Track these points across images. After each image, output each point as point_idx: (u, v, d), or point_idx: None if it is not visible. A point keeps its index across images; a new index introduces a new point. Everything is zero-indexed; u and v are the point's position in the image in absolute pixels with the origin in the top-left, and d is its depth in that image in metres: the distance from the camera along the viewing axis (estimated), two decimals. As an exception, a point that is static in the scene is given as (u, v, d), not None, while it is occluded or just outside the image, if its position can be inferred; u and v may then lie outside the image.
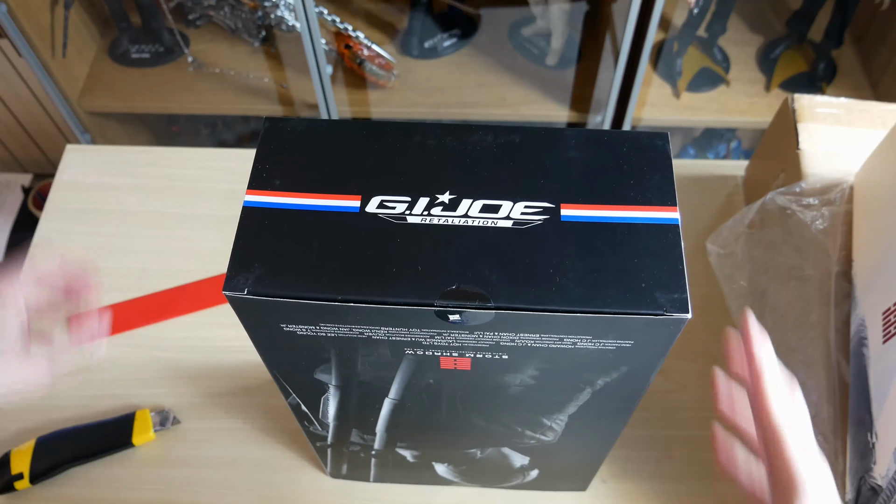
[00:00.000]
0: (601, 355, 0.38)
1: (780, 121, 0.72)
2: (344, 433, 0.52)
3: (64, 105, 1.33)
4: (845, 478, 0.53)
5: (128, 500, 0.63)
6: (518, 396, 0.43)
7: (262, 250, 0.36)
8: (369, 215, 0.37)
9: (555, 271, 0.35)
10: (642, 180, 0.38)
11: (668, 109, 1.34)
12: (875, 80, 1.34)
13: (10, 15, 1.17)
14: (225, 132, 1.54)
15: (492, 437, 0.50)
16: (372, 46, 1.32)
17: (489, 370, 0.40)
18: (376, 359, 0.40)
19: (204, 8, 1.39)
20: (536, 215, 0.37)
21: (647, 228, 0.36)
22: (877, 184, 0.59)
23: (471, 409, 0.46)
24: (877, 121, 0.69)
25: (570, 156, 0.39)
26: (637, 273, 0.34)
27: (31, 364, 0.48)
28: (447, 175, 0.38)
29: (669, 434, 0.66)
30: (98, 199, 0.82)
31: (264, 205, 0.37)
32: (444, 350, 0.38)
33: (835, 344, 0.57)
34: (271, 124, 0.40)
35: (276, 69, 1.39)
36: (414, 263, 0.35)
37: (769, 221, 0.65)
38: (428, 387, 0.43)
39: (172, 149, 0.87)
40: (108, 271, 0.76)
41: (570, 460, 0.55)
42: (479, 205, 0.37)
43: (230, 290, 0.35)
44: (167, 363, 0.71)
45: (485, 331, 0.36)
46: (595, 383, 0.41)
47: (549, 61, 1.38)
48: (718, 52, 1.36)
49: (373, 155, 0.39)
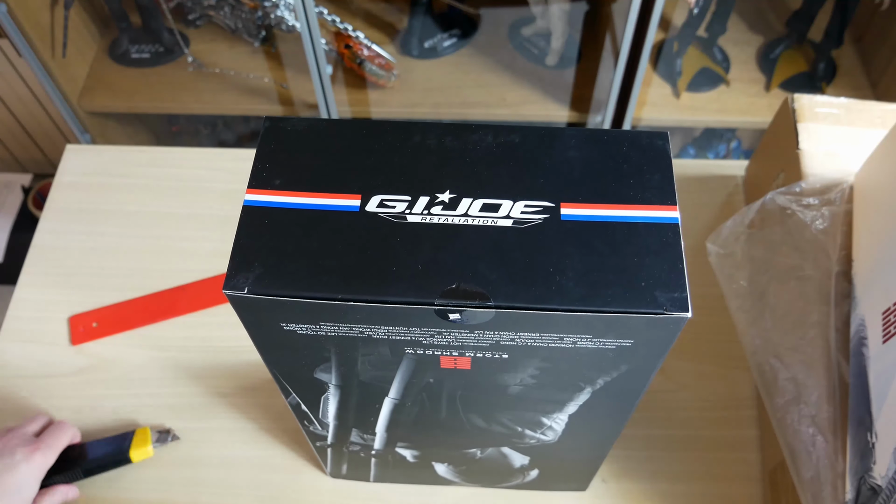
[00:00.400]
0: (601, 355, 0.38)
1: (780, 121, 0.72)
2: (344, 433, 0.52)
3: (64, 105, 1.33)
4: (845, 478, 0.53)
5: (128, 500, 0.63)
6: (518, 396, 0.43)
7: (263, 249, 0.36)
8: (369, 214, 0.37)
9: (555, 270, 0.35)
10: (642, 180, 0.38)
11: (668, 109, 1.34)
12: (875, 80, 1.34)
13: (10, 15, 1.17)
14: (225, 132, 1.54)
15: (492, 436, 0.50)
16: (372, 46, 1.32)
17: (489, 369, 0.40)
18: (376, 358, 0.40)
19: (204, 8, 1.39)
20: (536, 214, 0.37)
21: (647, 228, 0.36)
22: (877, 184, 0.59)
23: (471, 409, 0.46)
24: (877, 121, 0.69)
25: (569, 155, 0.39)
26: (637, 272, 0.34)
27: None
28: (447, 174, 0.38)
29: (669, 434, 0.66)
30: (98, 199, 0.82)
31: (264, 204, 0.37)
32: (444, 349, 0.38)
33: (835, 344, 0.57)
34: (271, 124, 0.40)
35: (276, 69, 1.39)
36: (414, 263, 0.35)
37: (769, 221, 0.65)
38: (428, 386, 0.43)
39: (172, 149, 0.87)
40: (108, 271, 0.76)
41: (570, 460, 0.55)
42: (478, 204, 0.37)
43: (230, 289, 0.35)
44: (167, 363, 0.71)
45: (485, 330, 0.36)
46: (595, 382, 0.41)
47: (549, 61, 1.38)
48: (718, 52, 1.36)
49: (373, 154, 0.39)
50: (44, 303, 0.74)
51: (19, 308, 0.74)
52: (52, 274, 0.76)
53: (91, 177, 0.84)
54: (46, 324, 0.73)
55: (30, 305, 0.74)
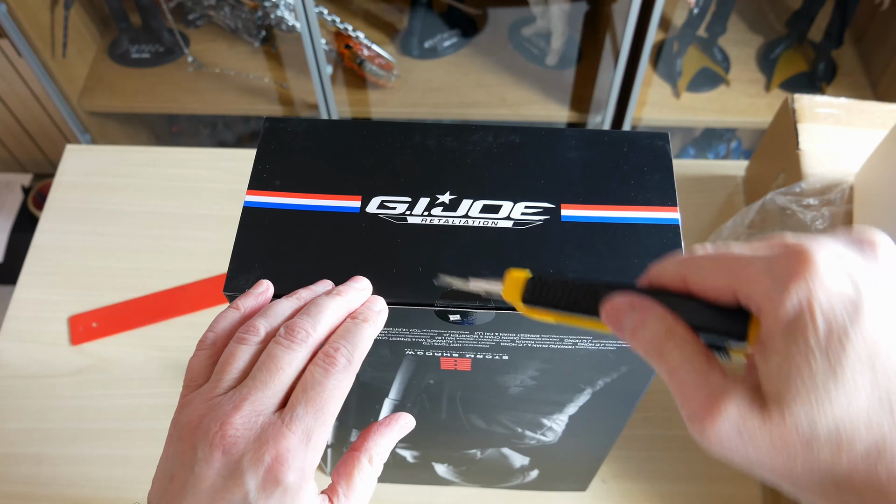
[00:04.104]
0: (601, 356, 0.38)
1: (780, 121, 0.72)
2: (344, 433, 0.52)
3: (64, 105, 1.33)
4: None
5: (128, 500, 0.63)
6: (518, 397, 0.43)
7: (263, 250, 0.36)
8: (370, 216, 0.37)
9: (555, 271, 0.35)
10: (642, 180, 0.38)
11: (668, 109, 1.34)
12: (875, 80, 1.34)
13: (10, 15, 1.17)
14: (225, 132, 1.54)
15: (492, 437, 0.50)
16: (372, 46, 1.32)
17: (489, 371, 0.40)
18: (376, 359, 0.40)
19: (204, 8, 1.39)
20: (537, 215, 0.37)
21: (648, 229, 0.36)
22: (877, 184, 0.59)
23: (471, 410, 0.46)
24: (877, 121, 0.69)
25: (570, 156, 0.39)
26: (637, 273, 0.34)
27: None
28: (447, 175, 0.38)
29: (669, 434, 0.66)
30: (98, 199, 0.82)
31: (265, 205, 0.37)
32: (444, 350, 0.38)
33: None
34: (271, 125, 0.40)
35: (276, 69, 1.39)
36: (414, 264, 0.35)
37: (769, 221, 0.65)
38: (428, 387, 0.43)
39: (172, 149, 0.87)
40: (108, 271, 0.76)
41: (571, 460, 0.55)
42: (479, 205, 0.37)
43: (231, 290, 0.35)
44: (167, 363, 0.71)
45: (485, 331, 0.36)
46: (595, 384, 0.41)
47: (549, 61, 1.38)
48: (718, 52, 1.36)
49: (373, 155, 0.39)
50: (44, 303, 0.74)
51: (19, 308, 0.74)
52: (52, 274, 0.76)
53: (91, 177, 0.84)
54: (46, 324, 0.73)
55: (30, 305, 0.74)
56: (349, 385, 0.31)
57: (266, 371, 0.30)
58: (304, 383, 0.30)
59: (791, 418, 0.22)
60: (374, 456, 0.33)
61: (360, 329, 0.32)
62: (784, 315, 0.23)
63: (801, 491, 0.23)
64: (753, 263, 0.24)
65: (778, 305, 0.23)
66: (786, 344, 0.23)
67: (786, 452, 0.23)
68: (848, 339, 0.22)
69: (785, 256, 0.24)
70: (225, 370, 0.31)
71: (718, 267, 0.25)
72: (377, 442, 0.34)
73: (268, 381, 0.30)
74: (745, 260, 0.25)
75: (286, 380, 0.30)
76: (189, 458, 0.29)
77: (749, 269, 0.24)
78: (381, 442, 0.34)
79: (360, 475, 0.32)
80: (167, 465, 0.31)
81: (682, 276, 0.26)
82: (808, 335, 0.22)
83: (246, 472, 0.28)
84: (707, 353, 0.25)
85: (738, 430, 0.23)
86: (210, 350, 0.33)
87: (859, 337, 0.22)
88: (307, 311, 0.32)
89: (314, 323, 0.31)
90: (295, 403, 0.30)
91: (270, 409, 0.30)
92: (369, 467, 0.33)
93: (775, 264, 0.23)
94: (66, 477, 0.64)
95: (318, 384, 0.30)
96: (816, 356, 0.22)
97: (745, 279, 0.24)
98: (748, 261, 0.24)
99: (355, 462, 0.33)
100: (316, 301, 0.32)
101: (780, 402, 0.23)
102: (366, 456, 0.33)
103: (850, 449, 0.22)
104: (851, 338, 0.22)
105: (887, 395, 0.22)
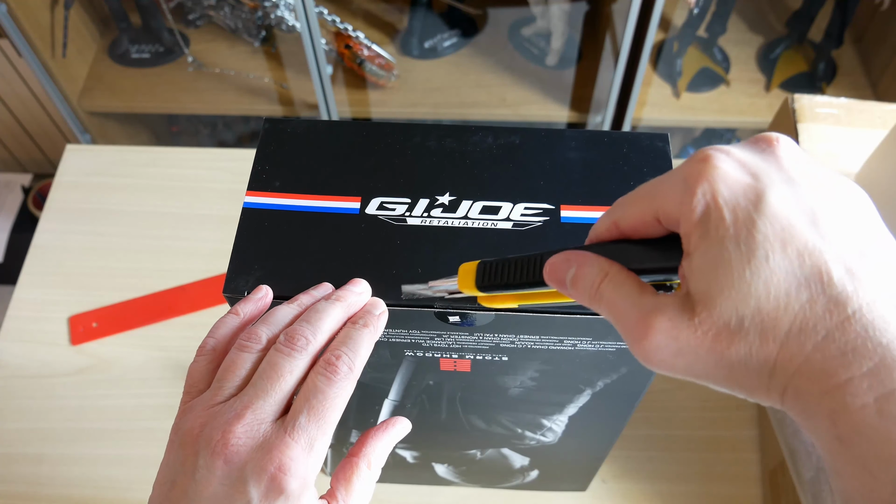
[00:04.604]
0: (601, 357, 0.38)
1: (780, 121, 0.72)
2: (344, 434, 0.52)
3: (64, 105, 1.33)
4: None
5: (128, 500, 0.63)
6: (518, 398, 0.43)
7: (262, 252, 0.36)
8: (369, 217, 0.37)
9: None
10: (642, 181, 0.38)
11: (668, 109, 1.34)
12: (875, 80, 1.34)
13: (10, 15, 1.17)
14: (225, 132, 1.54)
15: (492, 438, 0.50)
16: (372, 46, 1.32)
17: (489, 371, 0.40)
18: (376, 360, 0.40)
19: (204, 8, 1.39)
20: (536, 217, 0.37)
21: (647, 230, 0.36)
22: (877, 184, 0.59)
23: (470, 411, 0.46)
24: (877, 121, 0.69)
25: (570, 157, 0.39)
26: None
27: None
28: (447, 176, 0.38)
29: (669, 434, 0.66)
30: (98, 199, 0.82)
31: (264, 206, 0.37)
32: (443, 352, 0.38)
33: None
34: (271, 125, 0.40)
35: (276, 69, 1.39)
36: (414, 265, 0.35)
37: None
38: (428, 388, 0.43)
39: (172, 149, 0.87)
40: (108, 271, 0.76)
41: (570, 461, 0.55)
42: (479, 206, 0.37)
43: (230, 291, 0.35)
44: (167, 363, 0.71)
45: (484, 332, 0.36)
46: (595, 385, 0.41)
47: (549, 61, 1.38)
48: (718, 52, 1.36)
49: (372, 156, 0.39)
50: (44, 303, 0.74)
51: (19, 308, 0.74)
52: (52, 274, 0.76)
53: (91, 177, 0.84)
54: (46, 324, 0.73)
55: (30, 305, 0.74)
56: (350, 392, 0.31)
57: (267, 379, 0.30)
58: (305, 391, 0.30)
59: (716, 312, 0.23)
60: (372, 461, 0.34)
61: (361, 335, 0.32)
62: (694, 216, 0.23)
63: (744, 389, 0.24)
64: (665, 181, 0.25)
65: (688, 210, 0.24)
66: (700, 242, 0.23)
67: (718, 349, 0.23)
68: (754, 226, 0.22)
69: (688, 164, 0.25)
70: (226, 377, 0.31)
71: (638, 198, 0.26)
72: (375, 447, 0.34)
73: (269, 390, 0.30)
74: (659, 181, 0.26)
75: (287, 388, 0.30)
76: (191, 465, 0.29)
77: (662, 187, 0.25)
78: (379, 446, 0.34)
79: (358, 480, 0.33)
80: (168, 472, 0.31)
81: (614, 221, 0.27)
82: (718, 227, 0.23)
83: (249, 481, 0.28)
84: (641, 284, 0.26)
85: (672, 338, 0.24)
86: (210, 356, 0.33)
87: (765, 222, 0.22)
88: (307, 318, 0.32)
89: (314, 330, 0.31)
90: (297, 412, 0.30)
91: (272, 416, 0.30)
92: (367, 472, 0.33)
93: (682, 175, 0.24)
94: (66, 477, 0.64)
95: (321, 392, 0.30)
96: (728, 247, 0.22)
97: (661, 198, 0.25)
98: (661, 181, 0.26)
99: (354, 467, 0.33)
100: (316, 307, 0.32)
101: (706, 301, 0.23)
102: (364, 461, 0.33)
103: (775, 332, 0.22)
104: (758, 224, 0.22)
105: (802, 273, 0.22)
